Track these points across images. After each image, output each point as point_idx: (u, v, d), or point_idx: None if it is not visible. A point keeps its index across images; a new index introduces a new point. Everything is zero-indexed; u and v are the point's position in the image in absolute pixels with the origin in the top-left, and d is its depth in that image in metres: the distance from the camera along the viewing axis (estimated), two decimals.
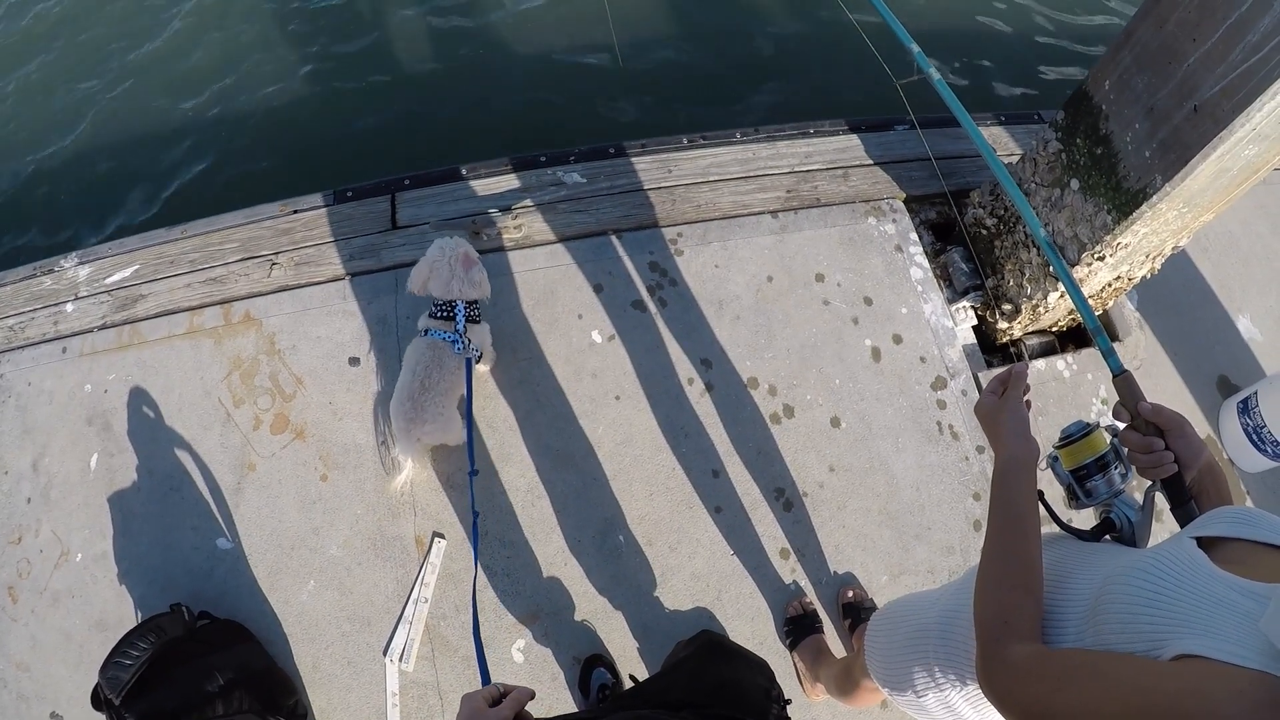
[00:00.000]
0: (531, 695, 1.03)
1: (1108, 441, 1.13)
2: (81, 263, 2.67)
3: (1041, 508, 1.12)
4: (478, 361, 2.20)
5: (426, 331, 2.13)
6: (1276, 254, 3.11)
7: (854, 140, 2.98)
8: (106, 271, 2.65)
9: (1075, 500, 1.15)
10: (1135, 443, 1.09)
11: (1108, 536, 1.11)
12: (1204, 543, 0.82)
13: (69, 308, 2.61)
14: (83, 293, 2.63)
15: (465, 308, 2.13)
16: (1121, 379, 1.19)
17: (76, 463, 2.43)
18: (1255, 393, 2.53)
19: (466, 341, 2.10)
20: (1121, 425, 1.15)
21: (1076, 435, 1.14)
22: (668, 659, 1.96)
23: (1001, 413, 1.12)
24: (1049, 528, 1.12)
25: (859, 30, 2.27)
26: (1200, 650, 0.65)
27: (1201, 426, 2.72)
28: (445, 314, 2.13)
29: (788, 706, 1.39)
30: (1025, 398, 1.15)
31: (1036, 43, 4.71)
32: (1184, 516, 1.04)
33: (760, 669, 1.49)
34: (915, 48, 1.81)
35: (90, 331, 2.56)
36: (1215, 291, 3.00)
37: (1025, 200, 1.67)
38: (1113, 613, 0.79)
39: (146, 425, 2.45)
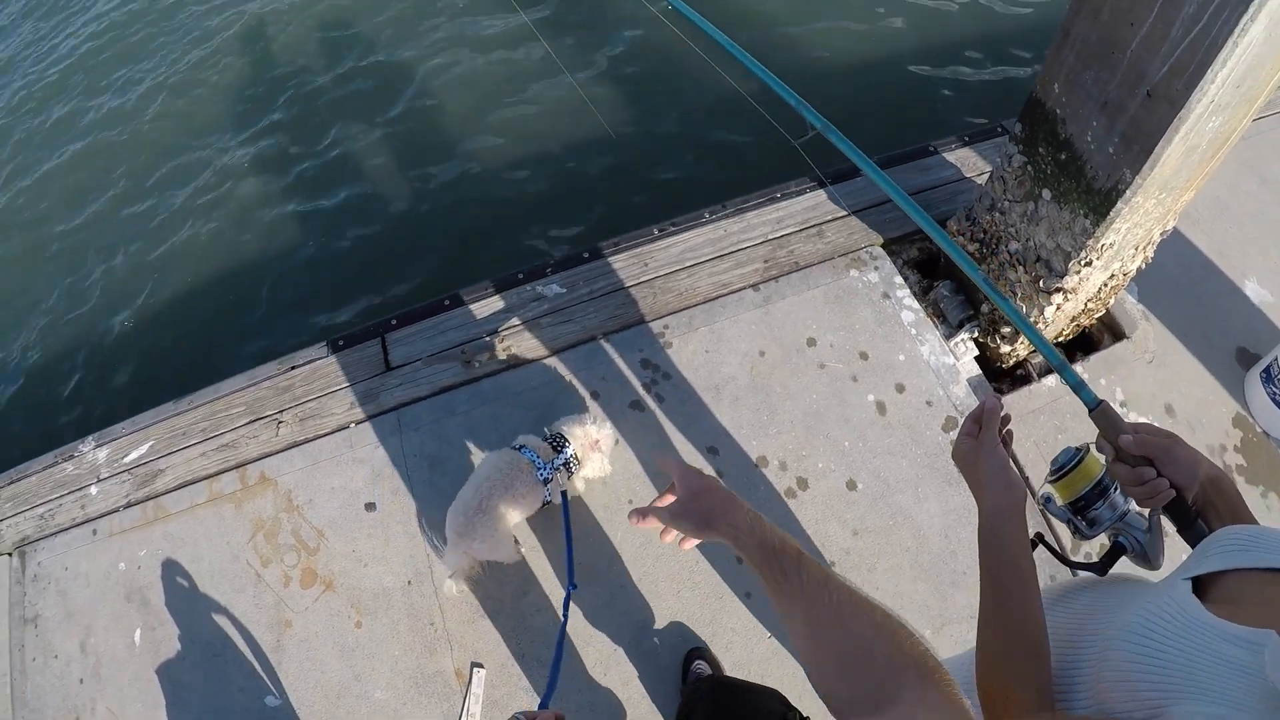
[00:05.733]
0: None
1: (1103, 463, 1.08)
2: (99, 445, 2.77)
3: (1045, 549, 1.08)
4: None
5: (521, 448, 2.19)
6: (1269, 206, 3.05)
7: (821, 195, 3.01)
8: (123, 451, 2.73)
9: (1079, 534, 1.10)
10: (1125, 476, 1.04)
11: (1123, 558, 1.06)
12: (1201, 581, 0.80)
13: (93, 490, 2.70)
14: (104, 474, 2.71)
15: (570, 459, 2.22)
16: (1098, 412, 1.14)
17: (122, 639, 2.49)
18: (1277, 359, 2.48)
19: (552, 475, 2.18)
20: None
21: (1068, 465, 1.09)
22: (680, 711, 1.93)
23: (977, 458, 1.04)
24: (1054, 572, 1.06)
25: (746, 97, 2.14)
26: (1199, 718, 0.64)
27: (1227, 404, 2.67)
28: (555, 444, 2.21)
29: None
30: (1005, 429, 1.09)
31: (979, 54, 4.69)
32: (1194, 536, 1.00)
33: (773, 697, 1.48)
34: (797, 101, 1.67)
35: (116, 511, 2.64)
36: (1215, 261, 2.95)
37: (952, 242, 1.59)
38: (1111, 678, 0.77)
39: (182, 595, 2.51)
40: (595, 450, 2.27)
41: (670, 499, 1.00)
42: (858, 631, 0.80)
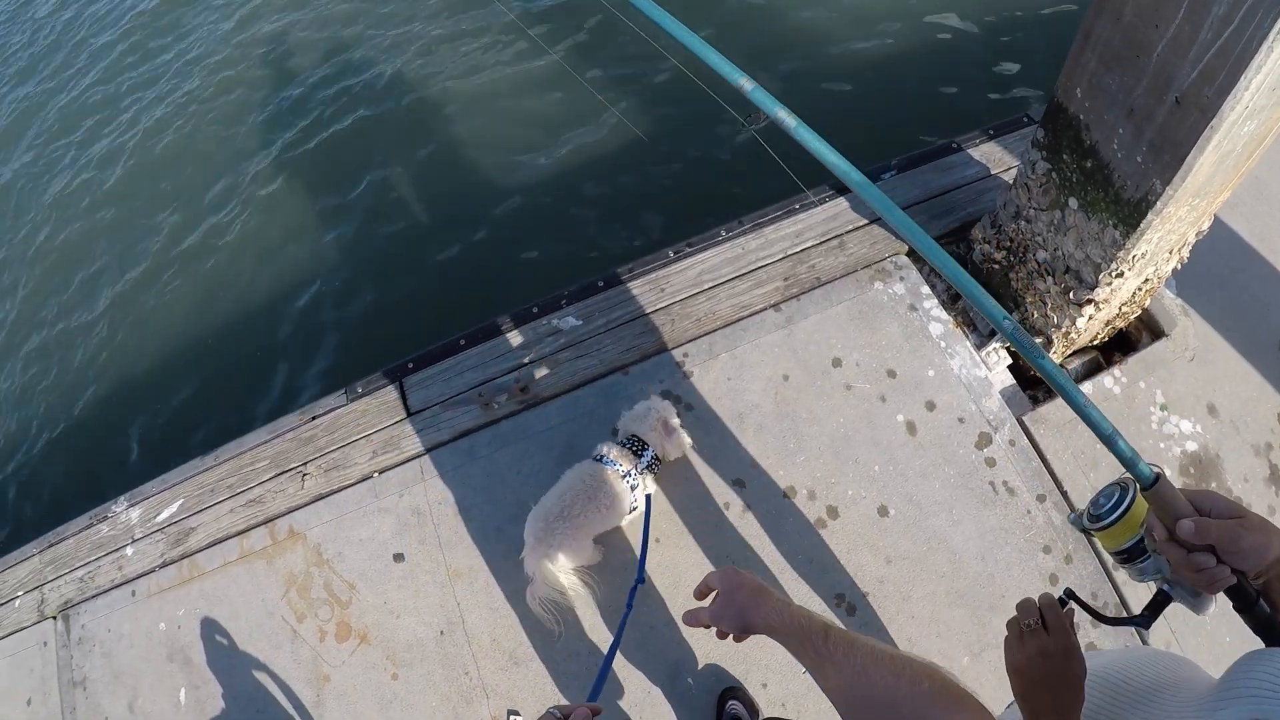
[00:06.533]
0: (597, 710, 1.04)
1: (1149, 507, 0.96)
2: (131, 505, 2.79)
3: (1079, 609, 1.02)
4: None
5: (602, 459, 2.24)
6: None
7: (842, 203, 2.90)
8: (155, 510, 2.76)
9: None
10: (1179, 560, 0.90)
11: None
12: None
13: (129, 551, 2.73)
14: (138, 534, 2.74)
15: (653, 461, 2.29)
16: (1153, 490, 0.96)
17: (168, 699, 2.53)
18: None
19: (639, 482, 2.24)
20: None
21: (1111, 516, 0.99)
22: None
23: (1061, 682, 0.94)
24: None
25: (694, 79, 1.56)
26: None
27: (1273, 399, 2.57)
28: (634, 449, 2.27)
29: None
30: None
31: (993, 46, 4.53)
32: (1253, 620, 0.92)
33: None
34: (747, 84, 1.30)
35: (153, 571, 2.67)
36: (1256, 247, 2.81)
37: (969, 277, 1.46)
38: None
39: (222, 653, 2.54)
40: (670, 433, 2.30)
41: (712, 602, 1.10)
42: (878, 680, 0.85)
